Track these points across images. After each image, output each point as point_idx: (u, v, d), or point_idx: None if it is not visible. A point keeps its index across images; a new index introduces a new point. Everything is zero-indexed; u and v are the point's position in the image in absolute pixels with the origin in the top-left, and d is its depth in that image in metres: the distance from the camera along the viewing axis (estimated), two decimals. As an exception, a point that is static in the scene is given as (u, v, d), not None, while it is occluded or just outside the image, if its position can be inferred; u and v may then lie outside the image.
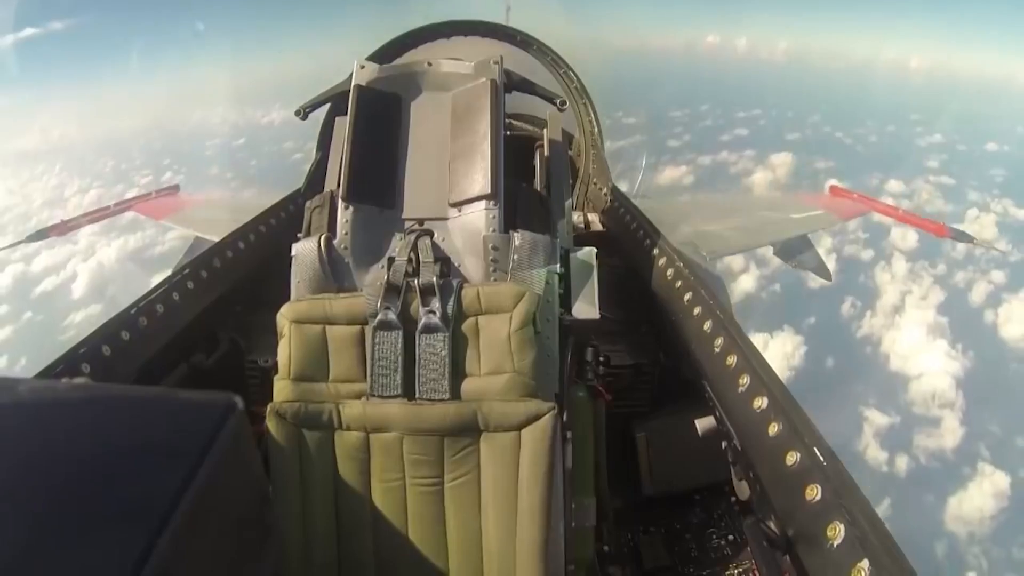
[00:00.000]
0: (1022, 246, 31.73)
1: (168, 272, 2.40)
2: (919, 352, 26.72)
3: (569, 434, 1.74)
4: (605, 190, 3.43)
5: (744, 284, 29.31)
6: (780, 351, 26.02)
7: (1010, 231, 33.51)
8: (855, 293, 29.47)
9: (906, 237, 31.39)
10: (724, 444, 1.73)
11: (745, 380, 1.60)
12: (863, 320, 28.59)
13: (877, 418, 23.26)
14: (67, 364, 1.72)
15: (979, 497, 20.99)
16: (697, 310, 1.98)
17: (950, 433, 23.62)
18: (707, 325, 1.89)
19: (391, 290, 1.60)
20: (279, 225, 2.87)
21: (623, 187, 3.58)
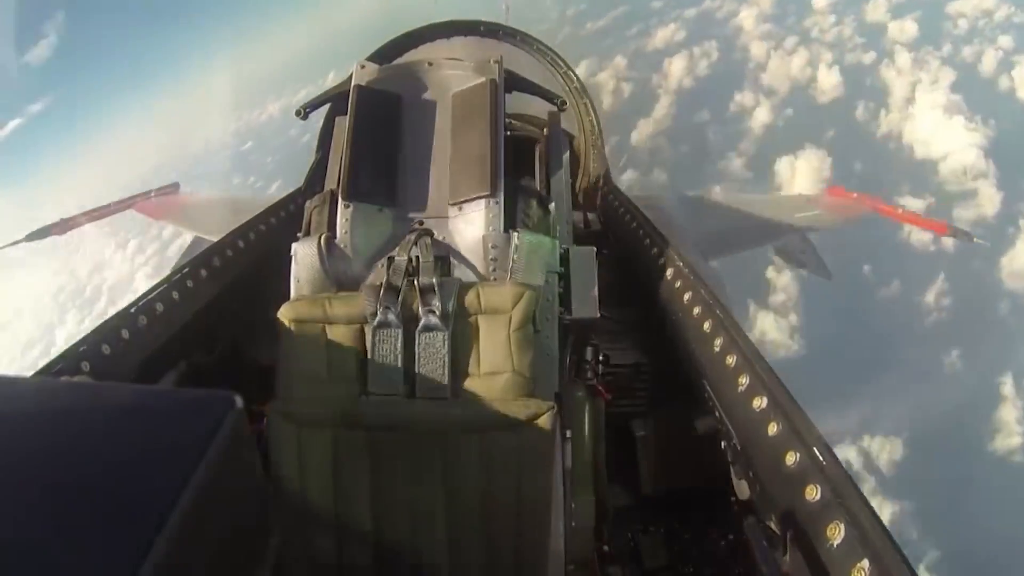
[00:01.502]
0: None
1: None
2: (941, 134, 27.52)
3: (569, 433, 1.74)
4: (605, 189, 3.43)
5: (760, 117, 30.85)
6: (808, 169, 27.42)
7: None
8: (865, 96, 30.18)
9: (904, 28, 31.87)
10: (724, 444, 1.73)
11: (745, 380, 1.60)
12: (879, 119, 29.35)
13: (913, 204, 23.94)
14: (67, 363, 1.72)
15: (1030, 248, 21.92)
16: (697, 310, 1.98)
17: (988, 201, 24.82)
18: (707, 325, 1.89)
19: (391, 289, 1.60)
20: (279, 224, 2.87)
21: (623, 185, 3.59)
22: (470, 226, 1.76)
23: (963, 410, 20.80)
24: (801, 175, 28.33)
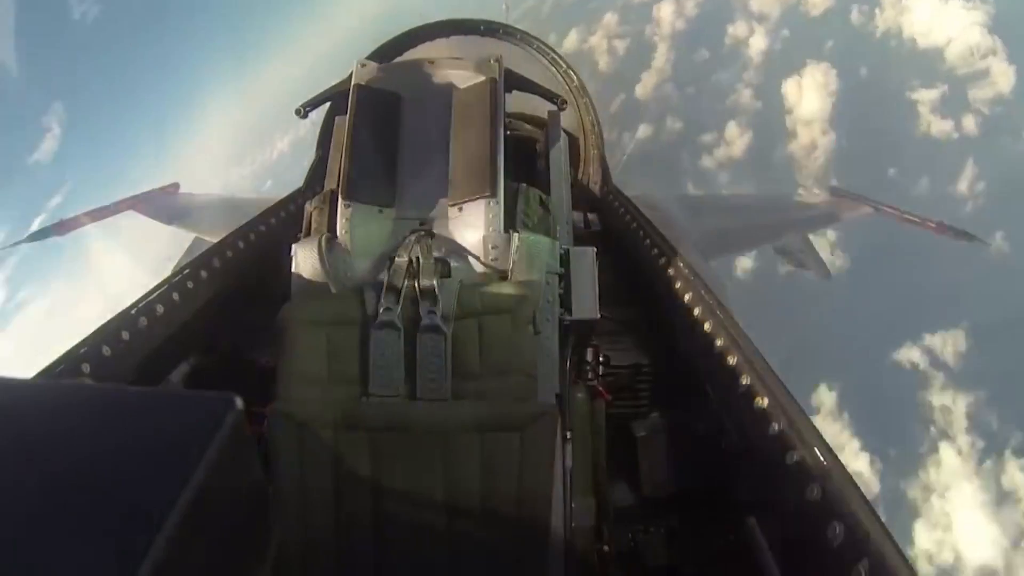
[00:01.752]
0: None
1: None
2: (940, 20, 27.17)
3: (569, 434, 1.74)
4: (605, 189, 3.43)
5: (757, 44, 30.83)
6: (814, 85, 27.25)
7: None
8: (857, 0, 29.88)
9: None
10: (724, 444, 1.73)
11: (745, 380, 1.60)
12: (875, 20, 29.05)
13: (927, 96, 24.43)
14: (67, 364, 1.71)
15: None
16: (697, 310, 1.98)
17: (1002, 76, 24.56)
18: (707, 325, 1.89)
19: (391, 290, 1.60)
20: (279, 225, 2.86)
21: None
22: (470, 226, 1.75)
23: (1017, 289, 20.68)
24: (809, 93, 28.24)
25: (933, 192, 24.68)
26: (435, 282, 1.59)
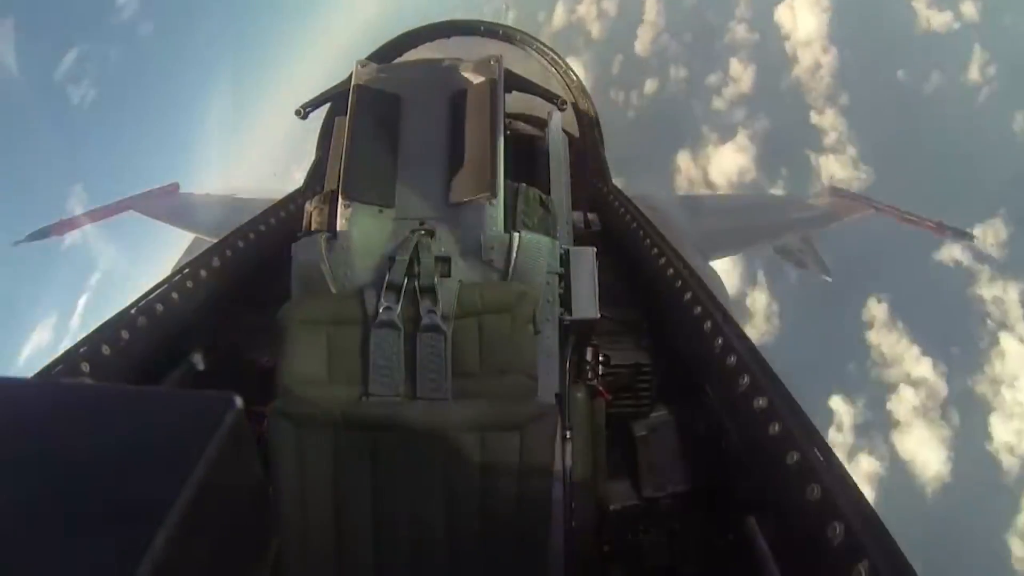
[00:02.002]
0: None
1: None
2: None
3: (569, 434, 1.74)
4: (605, 189, 3.43)
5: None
6: (805, 5, 27.76)
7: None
8: None
9: None
10: (724, 444, 1.73)
11: (745, 380, 1.60)
12: None
13: None
14: (67, 364, 1.72)
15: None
16: (697, 310, 1.98)
17: None
18: (707, 325, 1.89)
19: (391, 289, 1.60)
20: (279, 225, 2.86)
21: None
22: (470, 226, 1.75)
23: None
24: (803, 14, 28.51)
25: (945, 85, 24.31)
26: (435, 282, 1.59)
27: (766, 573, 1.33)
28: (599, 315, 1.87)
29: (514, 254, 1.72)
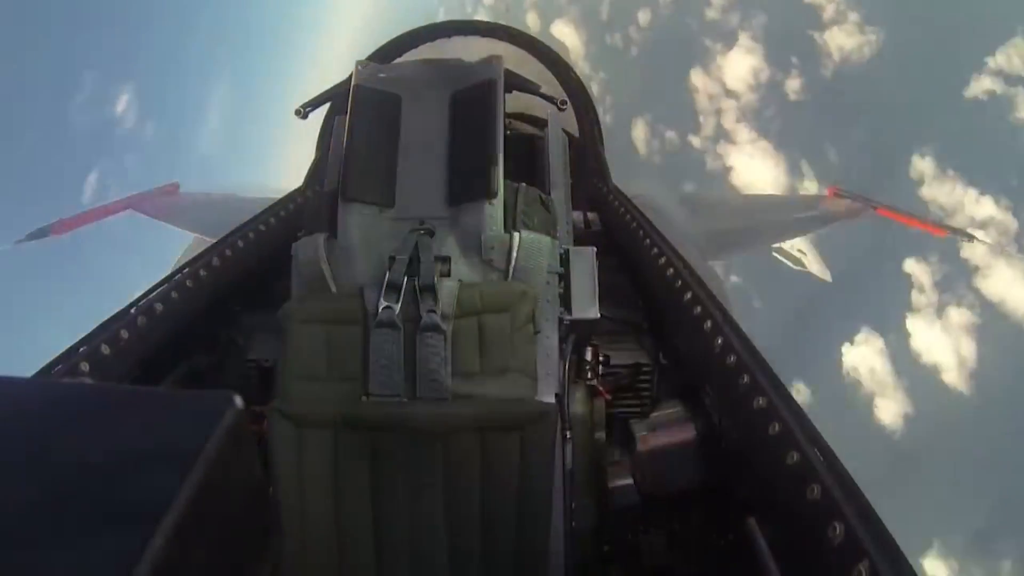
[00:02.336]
0: None
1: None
2: None
3: (569, 434, 1.74)
4: (605, 189, 3.43)
5: None
6: None
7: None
8: None
9: None
10: (724, 444, 1.73)
11: (745, 380, 1.60)
12: None
13: None
14: (66, 363, 1.71)
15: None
16: (697, 310, 1.98)
17: None
18: (707, 325, 1.89)
19: (391, 289, 1.60)
20: (279, 224, 2.86)
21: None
22: (470, 226, 1.75)
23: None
24: None
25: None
26: (435, 281, 1.59)
27: (766, 573, 1.33)
28: (599, 315, 1.87)
29: (514, 254, 1.72)
